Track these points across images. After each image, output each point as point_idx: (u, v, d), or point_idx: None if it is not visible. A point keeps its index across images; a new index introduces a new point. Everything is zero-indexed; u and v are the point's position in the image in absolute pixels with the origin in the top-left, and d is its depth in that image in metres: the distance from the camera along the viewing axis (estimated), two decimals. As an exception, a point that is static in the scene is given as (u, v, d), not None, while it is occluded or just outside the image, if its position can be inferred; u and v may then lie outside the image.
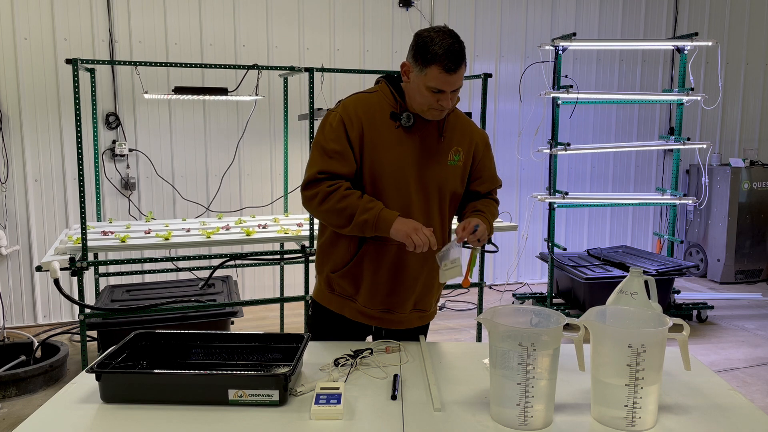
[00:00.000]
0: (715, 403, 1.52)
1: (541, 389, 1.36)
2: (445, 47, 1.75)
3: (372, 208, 1.82)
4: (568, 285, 4.93)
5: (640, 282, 1.68)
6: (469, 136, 2.00)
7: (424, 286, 1.99)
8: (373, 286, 1.94)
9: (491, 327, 1.39)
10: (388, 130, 1.89)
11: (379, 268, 1.92)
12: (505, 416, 1.39)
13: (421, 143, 1.91)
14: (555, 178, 4.83)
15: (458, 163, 1.97)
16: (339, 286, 1.99)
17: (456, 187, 1.99)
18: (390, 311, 1.98)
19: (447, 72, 1.76)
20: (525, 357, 1.33)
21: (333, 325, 2.03)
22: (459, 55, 1.77)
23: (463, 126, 2.01)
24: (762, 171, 6.12)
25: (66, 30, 4.67)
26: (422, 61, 1.78)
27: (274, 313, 5.06)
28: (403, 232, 1.78)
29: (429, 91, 1.80)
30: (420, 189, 1.91)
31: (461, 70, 1.79)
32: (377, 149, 1.88)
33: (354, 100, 1.94)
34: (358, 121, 1.87)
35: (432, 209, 1.95)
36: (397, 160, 1.89)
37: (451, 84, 1.79)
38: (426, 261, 1.94)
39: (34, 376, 3.60)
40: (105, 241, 3.44)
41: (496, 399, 1.42)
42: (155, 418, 1.41)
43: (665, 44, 5.26)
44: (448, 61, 1.75)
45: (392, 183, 1.89)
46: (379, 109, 1.90)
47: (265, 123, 5.24)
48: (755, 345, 4.50)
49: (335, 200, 1.83)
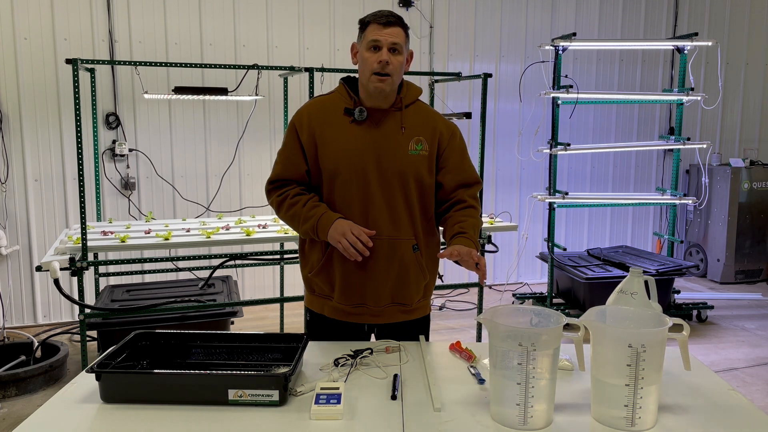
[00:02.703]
0: (715, 403, 1.52)
1: (541, 389, 1.36)
2: (382, 11, 1.91)
3: (311, 216, 1.90)
4: (568, 285, 4.93)
5: (640, 282, 1.68)
6: (432, 126, 1.99)
7: (397, 278, 1.96)
8: (345, 282, 1.95)
9: (491, 327, 1.39)
10: (342, 127, 1.94)
11: (347, 262, 1.92)
12: (505, 416, 1.39)
13: (379, 135, 1.93)
14: (555, 178, 4.83)
15: (421, 152, 1.95)
16: (318, 287, 2.03)
17: (422, 177, 1.96)
18: (364, 305, 1.98)
19: (381, 25, 1.87)
20: (525, 357, 1.33)
21: (327, 328, 2.04)
22: (394, 14, 1.90)
23: (426, 116, 2.01)
24: (762, 171, 6.12)
25: (66, 30, 4.67)
26: (362, 28, 1.92)
27: (274, 313, 5.06)
28: (334, 239, 1.86)
29: (369, 52, 1.88)
30: (380, 180, 1.92)
31: (396, 27, 1.89)
32: (330, 146, 1.93)
33: (308, 104, 2.03)
34: (308, 123, 1.95)
35: (395, 199, 1.93)
36: (353, 154, 1.91)
37: (385, 35, 1.86)
38: (395, 253, 1.94)
39: (34, 376, 3.60)
40: (105, 241, 3.44)
41: (496, 399, 1.42)
42: (155, 418, 1.41)
43: (665, 44, 5.26)
44: (381, 17, 1.88)
45: (350, 177, 1.92)
46: (332, 108, 1.97)
47: (265, 123, 5.24)
48: (755, 345, 4.50)
49: (285, 209, 1.97)
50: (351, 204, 1.92)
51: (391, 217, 1.93)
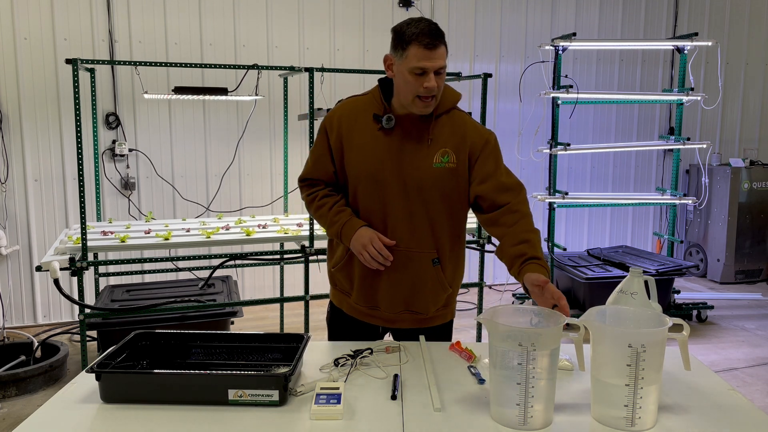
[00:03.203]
0: (715, 403, 1.52)
1: (541, 389, 1.36)
2: (421, 27, 1.73)
3: (336, 222, 1.90)
4: (568, 285, 4.93)
5: (640, 282, 1.68)
6: (461, 136, 1.88)
7: (412, 289, 1.92)
8: (363, 283, 1.95)
9: (491, 327, 1.39)
10: (369, 133, 1.88)
11: (365, 266, 1.91)
12: (505, 416, 1.39)
13: (403, 145, 1.86)
14: (555, 178, 4.83)
15: (447, 165, 1.86)
16: (339, 281, 2.03)
17: (447, 190, 1.88)
18: (378, 308, 1.97)
19: (426, 48, 1.72)
20: (525, 357, 1.33)
21: (345, 324, 2.06)
22: (436, 32, 1.73)
23: (456, 126, 1.90)
24: (762, 171, 6.12)
25: (66, 30, 4.67)
26: (401, 46, 1.75)
27: (274, 313, 5.06)
28: (356, 249, 1.85)
29: (412, 75, 1.75)
30: (401, 192, 1.86)
31: (441, 48, 1.74)
32: (355, 152, 1.89)
33: (341, 104, 1.98)
34: (338, 125, 1.91)
35: (416, 212, 1.87)
36: (375, 164, 1.86)
37: (432, 60, 1.73)
38: (410, 264, 1.90)
39: (34, 376, 3.60)
40: (105, 241, 3.44)
41: (496, 399, 1.42)
42: (155, 418, 1.41)
43: (665, 44, 5.26)
44: (425, 37, 1.71)
45: (371, 186, 1.88)
46: (363, 111, 1.91)
47: (265, 123, 5.24)
48: (755, 345, 4.50)
49: (313, 209, 1.98)
50: (371, 212, 1.90)
51: (411, 229, 1.88)
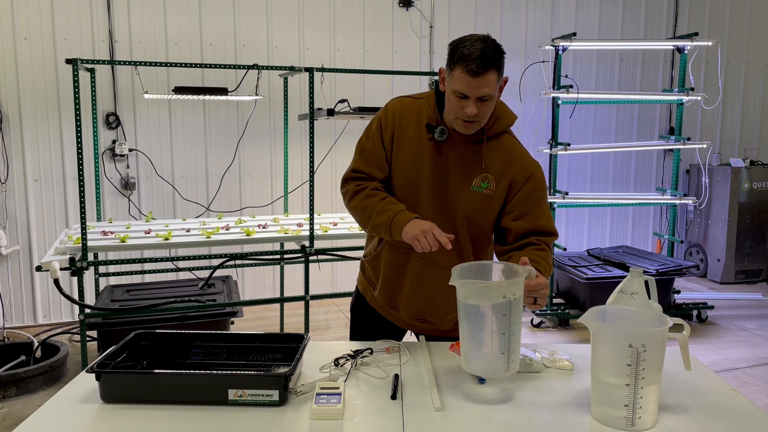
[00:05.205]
0: (715, 403, 1.52)
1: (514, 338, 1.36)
2: (473, 49, 1.65)
3: (388, 210, 1.79)
4: (569, 285, 4.93)
5: (640, 282, 1.68)
6: (506, 163, 1.83)
7: (432, 298, 1.90)
8: (385, 282, 1.97)
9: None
10: (418, 140, 1.84)
11: (389, 267, 1.93)
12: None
13: (449, 161, 1.82)
14: (555, 178, 4.83)
15: (485, 190, 1.81)
16: (367, 271, 2.06)
17: (474, 216, 1.83)
18: (397, 309, 1.99)
19: (469, 74, 1.65)
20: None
21: (366, 313, 2.07)
22: (486, 58, 1.64)
23: (507, 154, 1.84)
24: (762, 171, 6.12)
25: (66, 30, 4.67)
26: (450, 64, 1.71)
27: (274, 313, 5.06)
28: (412, 234, 1.71)
29: (455, 97, 1.71)
30: (433, 206, 1.84)
31: (488, 75, 1.66)
32: (401, 156, 1.86)
33: (398, 102, 1.91)
34: (393, 124, 1.86)
35: (444, 227, 1.78)
36: (416, 173, 1.84)
37: (473, 88, 1.67)
38: (429, 277, 1.88)
39: (34, 376, 3.60)
40: (105, 241, 3.44)
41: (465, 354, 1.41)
42: (155, 418, 1.41)
43: (665, 44, 5.26)
44: (471, 62, 1.64)
45: (407, 193, 1.86)
46: (417, 115, 1.86)
47: (265, 123, 5.24)
48: (755, 345, 4.50)
49: (360, 199, 1.86)
50: None
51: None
